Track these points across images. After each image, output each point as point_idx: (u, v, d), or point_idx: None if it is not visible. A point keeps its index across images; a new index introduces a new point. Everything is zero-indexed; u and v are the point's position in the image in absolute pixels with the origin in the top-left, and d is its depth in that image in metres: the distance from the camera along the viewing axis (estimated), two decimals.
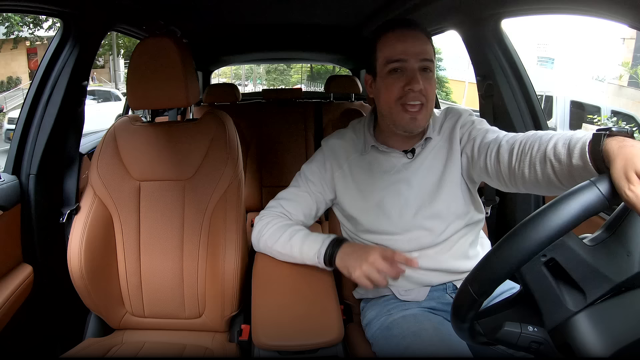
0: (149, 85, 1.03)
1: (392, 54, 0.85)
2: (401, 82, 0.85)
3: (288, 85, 22.38)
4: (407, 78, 0.84)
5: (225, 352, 1.01)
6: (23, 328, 1.06)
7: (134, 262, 1.09)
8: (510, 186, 0.78)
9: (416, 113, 0.85)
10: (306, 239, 0.91)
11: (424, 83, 0.84)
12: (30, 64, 13.99)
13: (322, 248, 0.88)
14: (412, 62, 0.84)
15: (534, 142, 0.70)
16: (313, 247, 0.89)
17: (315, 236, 0.91)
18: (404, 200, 0.90)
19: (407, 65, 0.85)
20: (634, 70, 10.48)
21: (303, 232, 0.93)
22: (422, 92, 0.84)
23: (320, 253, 0.88)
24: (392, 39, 0.86)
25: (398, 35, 0.86)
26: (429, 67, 0.86)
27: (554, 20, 13.66)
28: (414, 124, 0.86)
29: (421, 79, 0.84)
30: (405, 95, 0.85)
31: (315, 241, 0.90)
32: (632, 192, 0.44)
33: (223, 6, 1.55)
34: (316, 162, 0.99)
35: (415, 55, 0.84)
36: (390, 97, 0.87)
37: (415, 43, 0.85)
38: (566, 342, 0.47)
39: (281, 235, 0.93)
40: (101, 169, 1.08)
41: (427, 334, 0.80)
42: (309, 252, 0.90)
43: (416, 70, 0.84)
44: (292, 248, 0.91)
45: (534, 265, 0.47)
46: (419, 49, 0.85)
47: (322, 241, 0.89)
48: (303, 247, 0.90)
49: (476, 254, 0.94)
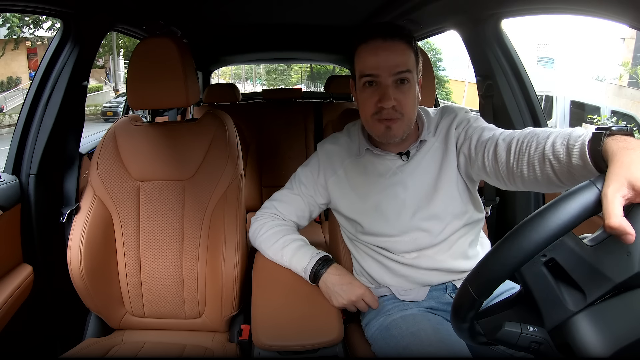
0: (149, 85, 1.03)
1: (364, 68, 0.84)
2: (374, 98, 0.84)
3: (288, 85, 22.39)
4: (379, 94, 0.83)
5: (225, 352, 1.01)
6: (23, 328, 1.06)
7: (134, 262, 1.09)
8: (510, 184, 0.77)
9: (391, 122, 0.85)
10: (297, 252, 0.93)
11: (398, 97, 0.83)
12: (30, 64, 14.00)
13: (308, 266, 0.91)
14: (384, 77, 0.83)
15: (532, 140, 0.70)
16: (301, 262, 0.92)
17: (305, 251, 0.94)
18: (400, 202, 0.90)
19: (380, 80, 0.83)
20: (633, 70, 10.48)
21: (296, 244, 0.95)
22: (395, 107, 0.83)
23: (306, 270, 0.91)
24: (365, 52, 0.84)
25: (372, 48, 0.83)
26: (406, 79, 0.84)
27: (554, 20, 13.68)
28: (389, 133, 0.86)
29: (396, 92, 0.83)
30: (379, 111, 0.84)
31: (304, 256, 0.92)
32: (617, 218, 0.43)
33: (223, 6, 1.55)
34: (310, 166, 1.00)
35: (387, 70, 0.82)
36: (366, 112, 0.87)
37: (389, 57, 0.82)
38: (566, 342, 0.47)
39: (275, 242, 0.96)
40: (101, 169, 1.08)
41: (426, 334, 0.80)
42: (297, 266, 0.93)
43: (389, 87, 0.83)
44: (283, 257, 0.95)
45: (534, 265, 0.47)
46: (393, 62, 0.82)
47: (310, 258, 0.92)
48: (292, 261, 0.93)
49: (476, 253, 0.94)
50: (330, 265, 0.90)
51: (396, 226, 0.90)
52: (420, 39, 1.81)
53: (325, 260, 0.91)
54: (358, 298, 0.87)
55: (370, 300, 0.88)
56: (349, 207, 0.96)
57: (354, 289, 0.87)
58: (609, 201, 0.44)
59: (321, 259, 0.91)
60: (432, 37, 1.78)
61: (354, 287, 0.88)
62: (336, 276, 0.89)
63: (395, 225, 0.90)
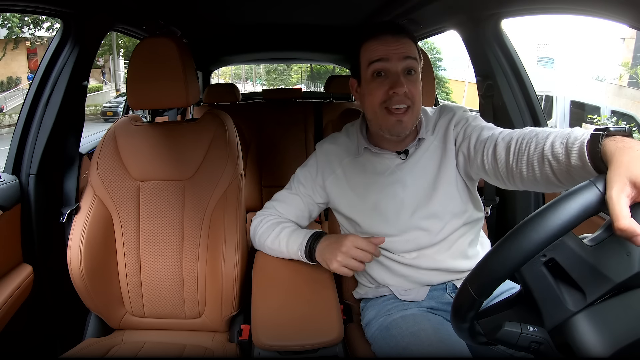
0: (149, 85, 1.03)
1: (374, 55, 0.85)
2: (385, 86, 0.84)
3: (288, 85, 22.40)
4: (390, 82, 0.84)
5: (225, 352, 1.01)
6: (23, 328, 1.06)
7: (134, 262, 1.09)
8: (509, 184, 0.77)
9: (402, 115, 0.85)
10: (292, 234, 0.94)
11: (408, 85, 0.83)
12: (30, 64, 14.01)
13: (303, 242, 0.91)
14: (394, 62, 0.83)
15: (531, 140, 0.70)
16: (296, 241, 0.92)
17: (300, 231, 0.94)
18: (399, 201, 0.90)
19: (390, 67, 0.84)
20: (633, 70, 10.48)
21: (290, 229, 0.95)
22: (406, 94, 0.83)
23: (301, 247, 0.91)
24: (375, 43, 0.85)
25: (381, 40, 0.85)
26: (414, 68, 0.85)
27: (554, 20, 13.68)
28: (400, 126, 0.86)
29: (405, 81, 0.83)
30: (390, 99, 0.84)
31: (298, 236, 0.93)
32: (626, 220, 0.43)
33: (223, 6, 1.55)
34: (309, 167, 1.00)
35: (397, 56, 0.83)
36: (375, 101, 0.86)
37: (397, 45, 0.84)
38: (566, 342, 0.47)
39: (271, 232, 0.96)
40: (101, 169, 1.08)
41: (426, 334, 0.80)
42: (293, 246, 0.92)
43: (399, 73, 0.83)
44: (280, 243, 0.94)
45: (534, 265, 0.47)
46: (402, 49, 0.84)
47: (304, 236, 0.92)
48: (289, 243, 0.93)
49: (476, 253, 0.94)
50: (322, 237, 0.90)
51: (395, 225, 0.90)
52: (420, 39, 1.81)
53: (318, 235, 0.91)
54: (348, 248, 0.83)
55: (364, 244, 0.83)
56: (347, 206, 0.95)
57: (341, 241, 0.84)
58: (615, 203, 0.43)
59: (314, 234, 0.91)
60: (432, 37, 1.78)
61: (340, 239, 0.85)
62: (326, 241, 0.88)
63: (394, 224, 0.90)
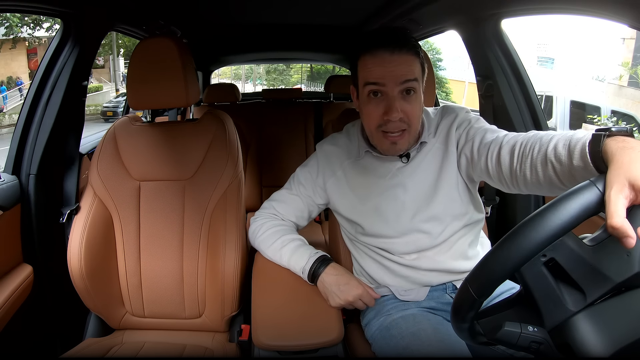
0: (149, 85, 1.03)
1: (369, 77, 0.82)
2: (380, 109, 0.82)
3: (288, 85, 22.38)
4: (385, 106, 0.82)
5: (225, 352, 1.01)
6: (23, 328, 1.06)
7: (134, 262, 1.09)
8: (512, 187, 0.77)
9: (397, 138, 0.84)
10: (295, 252, 0.93)
11: (405, 107, 0.81)
12: (30, 64, 14.01)
13: (306, 265, 0.91)
14: (390, 87, 0.80)
15: (535, 144, 0.70)
16: (299, 262, 0.92)
17: (304, 250, 0.93)
18: (400, 204, 0.90)
19: (387, 90, 0.81)
20: (633, 70, 10.47)
21: (294, 244, 0.95)
22: (402, 119, 0.82)
23: (304, 270, 0.91)
24: (371, 62, 0.81)
25: (378, 60, 0.81)
26: (413, 88, 0.81)
27: (554, 20, 13.68)
28: (394, 148, 0.86)
29: (402, 103, 0.81)
30: (385, 124, 0.83)
31: (302, 256, 0.92)
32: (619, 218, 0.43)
33: (223, 6, 1.55)
34: (309, 167, 1.00)
35: (394, 80, 0.80)
36: (371, 123, 0.86)
37: (395, 66, 0.80)
38: (566, 342, 0.47)
39: (274, 242, 0.96)
40: (101, 169, 1.08)
41: (426, 334, 0.80)
42: (295, 266, 0.93)
43: (395, 98, 0.81)
44: (282, 257, 0.95)
45: (534, 265, 0.47)
46: (400, 72, 0.80)
47: (308, 258, 0.92)
48: (290, 261, 0.93)
49: (476, 253, 0.94)
50: (328, 265, 0.90)
51: (396, 228, 0.90)
52: (420, 39, 1.80)
53: (323, 259, 0.91)
54: (355, 298, 0.87)
55: (368, 300, 0.88)
56: (348, 208, 0.95)
57: (351, 289, 0.87)
58: (612, 202, 0.44)
59: (319, 259, 0.91)
60: (432, 37, 1.78)
61: (351, 287, 0.87)
62: (334, 276, 0.89)
63: (395, 226, 0.90)
